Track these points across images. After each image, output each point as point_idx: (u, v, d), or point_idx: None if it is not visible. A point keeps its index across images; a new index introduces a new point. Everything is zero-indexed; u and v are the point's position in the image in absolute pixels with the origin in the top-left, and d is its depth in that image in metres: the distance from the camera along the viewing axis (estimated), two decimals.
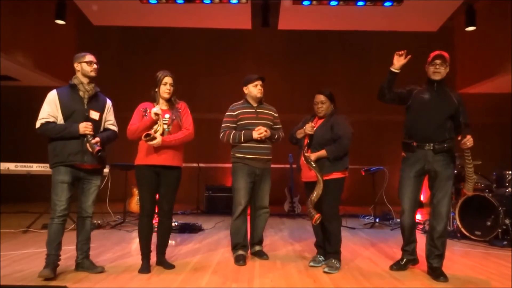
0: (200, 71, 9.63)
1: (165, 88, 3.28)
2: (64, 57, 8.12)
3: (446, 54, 3.19)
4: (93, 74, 3.14)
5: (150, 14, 7.82)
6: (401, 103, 3.34)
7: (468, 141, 2.99)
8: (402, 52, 3.13)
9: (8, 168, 5.22)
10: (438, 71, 3.19)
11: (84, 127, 2.99)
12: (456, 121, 3.18)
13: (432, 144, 3.14)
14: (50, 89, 3.13)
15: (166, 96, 3.30)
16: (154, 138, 3.09)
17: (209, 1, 6.99)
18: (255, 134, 3.57)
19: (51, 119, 3.02)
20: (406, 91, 3.31)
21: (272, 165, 3.81)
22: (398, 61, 3.14)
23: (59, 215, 2.98)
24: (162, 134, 3.17)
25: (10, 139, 8.89)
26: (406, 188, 3.26)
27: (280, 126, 3.86)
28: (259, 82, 3.70)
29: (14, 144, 8.76)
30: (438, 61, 3.18)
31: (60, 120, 3.04)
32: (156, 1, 7.02)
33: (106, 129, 3.26)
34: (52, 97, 3.06)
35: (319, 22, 8.26)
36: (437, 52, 3.20)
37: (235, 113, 3.70)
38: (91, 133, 3.01)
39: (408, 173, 3.26)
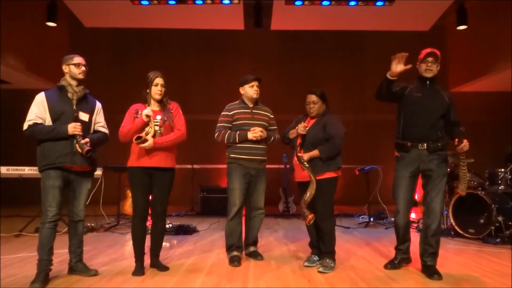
0: (193, 72, 9.61)
1: (156, 89, 3.26)
2: (56, 60, 8.01)
3: (437, 52, 3.19)
4: (81, 76, 3.10)
5: (142, 15, 7.80)
6: (396, 102, 3.33)
7: (465, 146, 3.02)
8: (400, 55, 2.96)
9: None
10: (430, 69, 3.18)
11: (73, 127, 2.94)
12: (446, 119, 3.19)
13: (426, 144, 3.14)
14: (42, 91, 3.09)
15: (158, 97, 3.28)
16: (146, 140, 3.08)
17: (201, 2, 6.98)
18: (250, 135, 3.56)
19: (39, 121, 2.96)
20: (400, 88, 3.26)
21: (267, 166, 3.80)
22: (396, 68, 2.98)
23: (50, 220, 2.92)
24: (154, 136, 3.16)
25: (1, 142, 8.81)
26: (401, 188, 3.26)
27: (276, 127, 3.85)
28: (255, 83, 3.70)
29: (5, 148, 8.68)
30: (430, 59, 3.17)
31: (48, 122, 2.98)
32: (148, 3, 7.00)
33: (96, 131, 3.22)
34: (40, 99, 3.01)
35: (312, 22, 8.28)
36: (429, 50, 3.19)
37: (231, 113, 3.70)
38: (80, 133, 2.97)
39: (403, 173, 3.25)
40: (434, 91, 3.22)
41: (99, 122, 3.26)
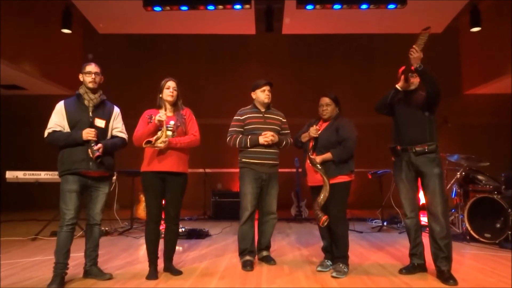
0: (205, 77, 9.68)
1: (168, 91, 3.32)
2: (70, 66, 8.21)
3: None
4: (91, 85, 3.15)
5: (155, 21, 7.89)
6: (390, 114, 3.52)
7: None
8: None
9: (16, 176, 5.27)
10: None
11: (87, 133, 3.02)
12: (431, 110, 3.26)
13: (413, 147, 3.24)
14: (57, 97, 3.20)
15: (170, 99, 3.32)
16: (157, 139, 3.11)
17: (213, 8, 7.02)
18: (261, 139, 3.57)
19: (58, 128, 3.07)
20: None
21: (279, 170, 3.80)
22: (404, 81, 3.30)
23: (67, 223, 2.99)
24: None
25: (18, 147, 8.98)
26: (402, 191, 3.37)
27: (289, 131, 3.85)
28: (267, 88, 3.71)
29: (21, 152, 8.84)
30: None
31: (67, 129, 3.09)
32: (160, 9, 7.07)
33: (114, 137, 3.28)
34: (59, 107, 3.13)
35: (323, 26, 8.28)
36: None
37: (243, 117, 3.71)
38: (94, 139, 3.04)
39: (399, 176, 3.37)
40: (412, 93, 3.35)
41: (117, 128, 3.31)
